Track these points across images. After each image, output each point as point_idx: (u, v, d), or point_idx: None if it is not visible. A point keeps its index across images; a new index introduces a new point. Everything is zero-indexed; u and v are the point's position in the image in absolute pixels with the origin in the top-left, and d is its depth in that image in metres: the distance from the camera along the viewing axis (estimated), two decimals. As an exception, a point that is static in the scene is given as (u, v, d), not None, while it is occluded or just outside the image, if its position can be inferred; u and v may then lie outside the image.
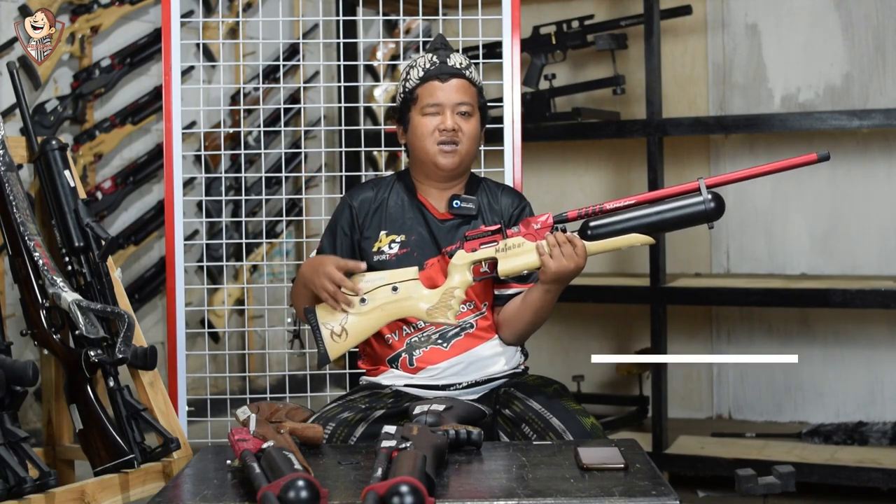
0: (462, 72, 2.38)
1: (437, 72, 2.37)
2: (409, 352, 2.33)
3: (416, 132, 2.38)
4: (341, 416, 2.21)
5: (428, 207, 2.41)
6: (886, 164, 3.73)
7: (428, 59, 2.40)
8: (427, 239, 2.37)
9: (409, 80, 2.41)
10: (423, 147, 2.37)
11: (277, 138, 4.21)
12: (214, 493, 1.80)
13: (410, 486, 1.57)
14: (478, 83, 2.42)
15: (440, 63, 2.38)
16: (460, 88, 2.37)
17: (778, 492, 2.47)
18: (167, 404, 2.45)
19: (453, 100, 2.36)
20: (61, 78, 3.64)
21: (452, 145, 2.35)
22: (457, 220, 2.39)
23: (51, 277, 2.30)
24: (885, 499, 3.28)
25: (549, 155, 4.19)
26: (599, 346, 4.09)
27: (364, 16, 3.75)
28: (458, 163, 2.37)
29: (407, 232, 2.38)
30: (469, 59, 2.46)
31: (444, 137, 2.35)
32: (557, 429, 2.18)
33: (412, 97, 2.39)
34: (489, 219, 2.40)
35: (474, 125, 2.38)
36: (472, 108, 2.38)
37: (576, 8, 4.10)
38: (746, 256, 3.96)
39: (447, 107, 2.36)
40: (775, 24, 3.90)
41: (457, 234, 2.36)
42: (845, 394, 3.78)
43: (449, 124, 2.34)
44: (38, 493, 2.02)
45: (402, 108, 2.42)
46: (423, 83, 2.38)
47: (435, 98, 2.36)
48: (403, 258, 2.34)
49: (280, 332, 4.04)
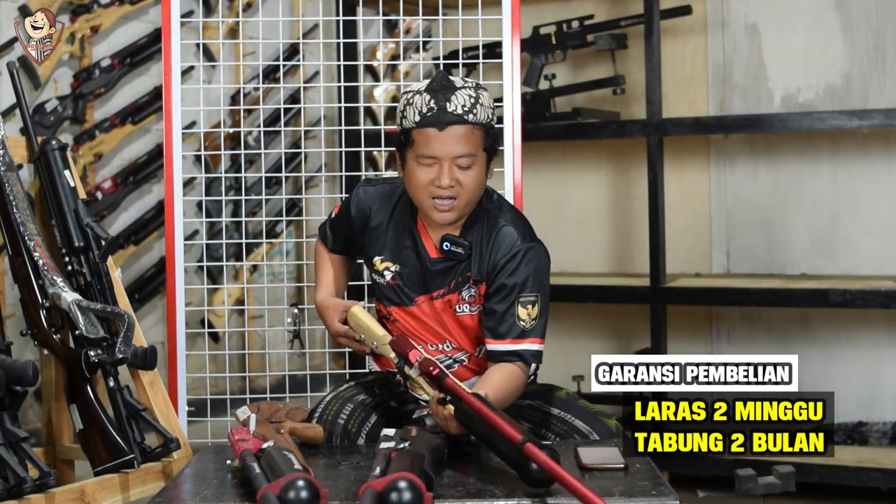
0: (463, 118, 2.12)
1: (434, 120, 2.11)
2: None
3: (410, 179, 2.17)
4: (357, 398, 2.22)
5: (424, 241, 2.25)
6: (886, 164, 3.72)
7: (426, 101, 2.13)
8: (418, 275, 2.24)
9: (405, 118, 2.16)
10: (417, 198, 2.18)
11: (277, 138, 4.21)
12: (214, 493, 1.80)
13: (408, 481, 1.57)
14: (484, 123, 2.16)
15: (437, 109, 2.12)
16: (461, 139, 2.12)
17: (778, 492, 2.46)
18: (167, 404, 2.45)
19: (451, 153, 2.12)
20: (61, 78, 3.64)
21: (449, 201, 2.15)
22: (447, 262, 2.23)
23: (51, 277, 2.29)
24: (885, 499, 3.28)
25: (549, 155, 4.19)
26: (599, 346, 4.09)
27: (364, 16, 3.75)
28: (456, 217, 2.19)
29: (401, 263, 2.25)
30: (477, 93, 2.16)
31: (439, 193, 2.14)
32: (582, 430, 2.17)
33: (408, 139, 2.16)
34: (477, 268, 2.21)
35: (475, 174, 2.16)
36: (474, 158, 2.15)
37: (576, 8, 4.09)
38: (746, 256, 3.96)
39: (444, 160, 2.12)
40: (775, 24, 3.89)
41: (445, 278, 2.23)
42: (845, 394, 3.77)
43: (444, 182, 2.12)
44: (38, 493, 2.02)
45: (399, 144, 2.20)
46: (419, 128, 2.13)
47: (430, 149, 2.12)
48: (395, 288, 2.26)
49: (280, 332, 4.04)
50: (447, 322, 2.25)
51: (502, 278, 2.18)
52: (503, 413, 1.86)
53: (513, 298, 2.17)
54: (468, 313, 2.23)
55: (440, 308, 2.24)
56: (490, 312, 2.19)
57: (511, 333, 2.16)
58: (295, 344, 3.30)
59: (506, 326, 2.16)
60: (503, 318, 2.17)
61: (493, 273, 2.20)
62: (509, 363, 2.15)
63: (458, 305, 2.23)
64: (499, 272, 2.19)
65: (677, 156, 3.96)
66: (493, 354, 2.18)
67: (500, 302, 2.17)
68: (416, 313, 2.25)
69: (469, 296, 2.23)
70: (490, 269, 2.20)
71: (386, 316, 2.31)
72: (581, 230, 4.13)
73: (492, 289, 2.19)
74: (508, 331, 2.16)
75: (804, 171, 3.79)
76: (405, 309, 2.26)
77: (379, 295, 2.31)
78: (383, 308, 2.31)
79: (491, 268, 2.20)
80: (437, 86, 2.15)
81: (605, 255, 4.12)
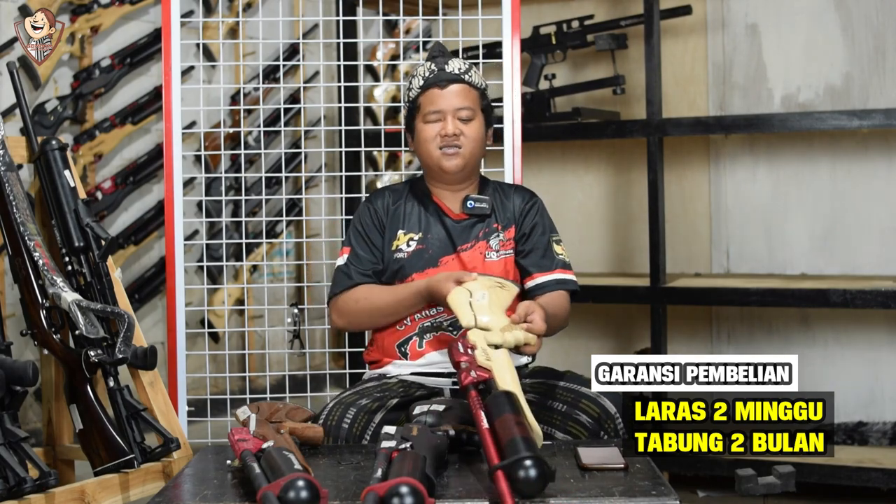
0: (461, 77, 2.44)
1: (436, 79, 2.43)
2: (420, 335, 2.39)
3: (420, 139, 2.45)
4: (360, 402, 2.24)
5: (443, 209, 2.48)
6: (886, 164, 3.72)
7: (427, 67, 2.46)
8: (444, 237, 2.44)
9: (411, 89, 2.48)
10: (428, 152, 2.43)
11: (277, 138, 4.21)
12: (214, 493, 1.80)
13: (410, 486, 1.57)
14: (479, 86, 2.47)
15: (438, 70, 2.44)
16: (460, 93, 2.43)
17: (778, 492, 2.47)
18: (167, 404, 2.45)
19: (453, 105, 2.42)
20: (61, 78, 3.64)
21: (455, 148, 2.41)
22: (471, 220, 2.47)
23: (51, 277, 2.30)
24: (885, 499, 3.28)
25: (549, 155, 4.19)
26: (599, 346, 4.09)
27: (364, 16, 3.75)
28: (462, 164, 2.43)
29: (423, 230, 2.45)
30: (469, 62, 2.51)
31: (446, 141, 2.41)
32: (590, 395, 2.23)
33: (415, 106, 2.46)
34: (502, 217, 2.47)
35: (476, 128, 2.44)
36: (474, 112, 2.44)
37: (576, 8, 4.09)
38: (746, 256, 3.96)
39: (447, 112, 2.41)
40: (775, 24, 3.89)
41: (471, 232, 2.45)
42: (845, 394, 3.77)
43: (450, 129, 2.40)
44: (38, 493, 2.02)
45: (408, 118, 2.49)
46: (423, 91, 2.44)
47: (435, 105, 2.42)
48: (419, 254, 2.42)
49: (280, 332, 4.04)
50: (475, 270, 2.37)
51: (532, 219, 2.48)
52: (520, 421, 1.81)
53: (548, 236, 2.48)
54: (496, 259, 2.44)
55: (468, 259, 2.42)
56: (532, 250, 2.45)
57: (556, 265, 2.45)
58: (295, 344, 3.30)
59: (549, 259, 2.45)
60: (545, 253, 2.45)
61: (521, 216, 2.48)
62: (559, 291, 2.41)
63: (487, 253, 2.44)
64: (526, 215, 2.48)
65: (677, 156, 3.96)
66: (544, 286, 2.41)
67: (539, 238, 2.46)
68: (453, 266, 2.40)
69: (498, 242, 2.45)
70: (517, 213, 2.48)
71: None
72: (581, 230, 4.13)
73: (527, 229, 2.47)
74: (553, 262, 2.44)
75: (804, 171, 3.79)
76: (427, 273, 2.39)
77: (397, 273, 2.42)
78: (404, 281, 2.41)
79: (518, 212, 2.48)
80: (436, 52, 2.50)
81: (605, 255, 4.12)
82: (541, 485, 1.69)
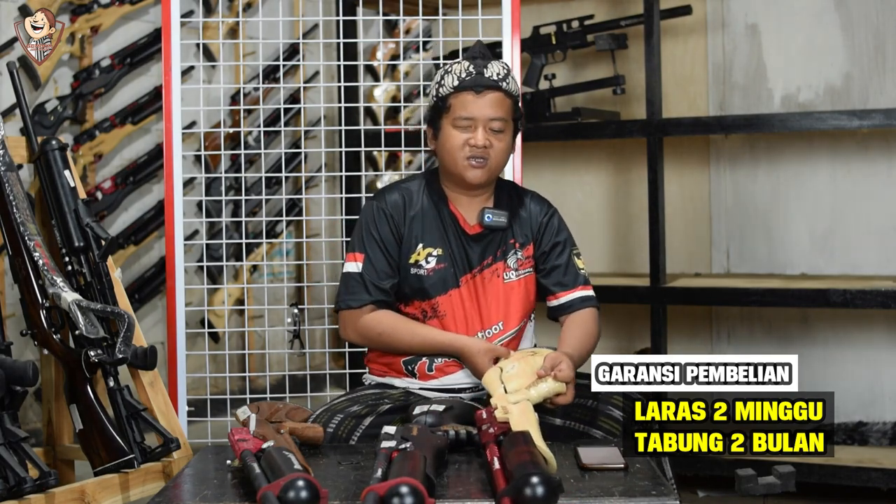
0: (499, 84, 2.28)
1: (473, 83, 2.27)
2: (431, 358, 2.32)
3: (445, 143, 2.31)
4: (350, 409, 2.21)
5: (459, 220, 2.36)
6: (886, 164, 3.72)
7: (464, 67, 2.29)
8: (462, 254, 2.34)
9: (442, 86, 2.31)
10: (453, 159, 2.30)
11: (277, 138, 4.21)
12: (214, 493, 1.80)
13: (410, 486, 1.57)
14: (515, 94, 2.33)
15: (476, 74, 2.28)
16: (495, 103, 2.28)
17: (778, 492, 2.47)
18: (167, 404, 2.45)
19: (486, 115, 2.27)
20: (61, 78, 3.64)
21: (482, 160, 2.28)
22: (487, 234, 2.35)
23: (51, 277, 2.29)
24: (885, 499, 3.28)
25: (549, 155, 4.19)
26: (599, 345, 4.08)
27: (364, 16, 3.75)
28: (487, 178, 2.32)
29: (443, 245, 2.33)
30: (508, 68, 2.34)
31: (474, 153, 2.28)
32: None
33: (445, 105, 2.30)
34: (519, 232, 2.37)
35: (506, 140, 2.31)
36: (506, 123, 2.30)
37: (576, 8, 4.09)
38: (746, 256, 3.96)
39: (480, 122, 2.27)
40: (775, 24, 3.89)
41: (488, 249, 2.34)
42: (845, 394, 3.77)
43: (480, 141, 2.27)
44: (38, 493, 2.02)
45: (434, 114, 2.34)
46: (457, 92, 2.28)
47: (468, 112, 2.27)
48: (440, 273, 2.31)
49: (280, 332, 4.04)
50: (494, 294, 2.32)
51: (552, 236, 2.39)
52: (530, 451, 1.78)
53: (568, 251, 2.39)
54: (515, 279, 2.36)
55: (487, 279, 2.33)
56: (553, 269, 2.37)
57: (579, 281, 2.37)
58: (295, 344, 3.30)
59: (571, 276, 2.37)
60: (567, 270, 2.37)
61: (540, 233, 2.38)
62: (586, 309, 2.36)
63: (505, 273, 2.35)
64: (545, 232, 2.39)
65: (677, 156, 3.96)
66: (569, 305, 2.36)
67: (559, 256, 2.37)
68: (463, 296, 2.31)
69: (515, 261, 2.36)
70: (535, 229, 2.38)
71: (430, 313, 2.32)
72: (581, 230, 4.12)
73: (546, 248, 2.38)
74: (575, 279, 2.37)
75: (804, 171, 3.79)
76: (450, 294, 2.31)
77: (419, 293, 2.32)
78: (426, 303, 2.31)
79: (537, 228, 2.38)
80: (476, 53, 2.32)
81: (605, 255, 4.12)
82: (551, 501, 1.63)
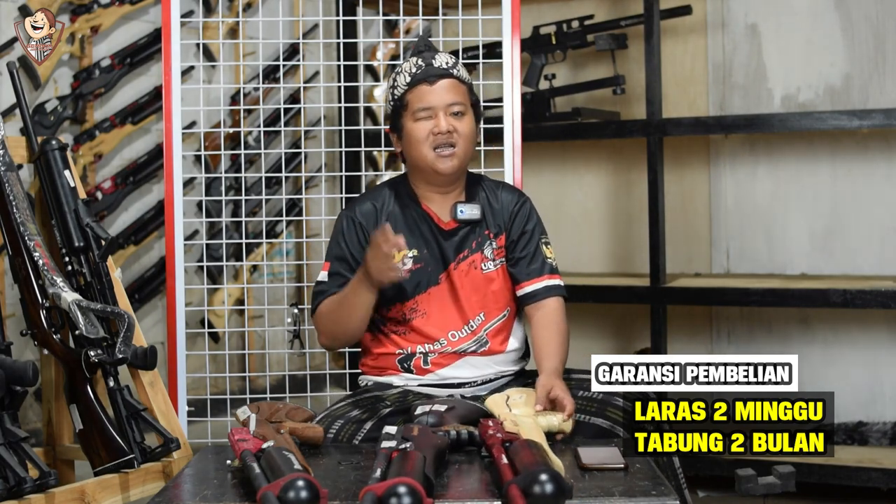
0: (450, 71, 2.32)
1: (424, 75, 2.31)
2: (424, 354, 2.33)
3: (410, 139, 2.32)
4: (350, 413, 2.21)
5: (433, 218, 2.37)
6: (886, 164, 3.72)
7: (413, 62, 2.34)
8: (437, 249, 2.35)
9: (396, 87, 2.35)
10: (420, 153, 2.31)
11: (277, 138, 4.21)
12: (214, 493, 1.80)
13: (408, 486, 1.57)
14: (467, 80, 2.36)
15: (426, 65, 2.32)
16: (450, 88, 2.31)
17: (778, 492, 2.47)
18: (167, 404, 2.45)
19: (445, 101, 2.30)
20: (61, 78, 3.64)
21: (450, 148, 2.30)
22: (462, 228, 2.37)
23: (51, 277, 2.29)
24: (885, 499, 3.28)
25: (549, 155, 4.19)
26: (599, 346, 4.09)
27: (364, 16, 3.75)
28: (458, 165, 2.32)
29: (418, 246, 2.34)
30: (455, 56, 2.40)
31: (439, 140, 2.29)
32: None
33: (402, 104, 2.33)
34: (492, 222, 2.38)
35: (469, 124, 2.33)
36: (465, 107, 2.33)
37: (576, 8, 4.09)
38: (746, 256, 3.96)
39: (439, 109, 2.30)
40: (775, 24, 3.89)
41: (464, 243, 2.35)
42: (845, 394, 3.77)
43: (443, 126, 2.28)
44: (38, 493, 2.02)
45: (394, 116, 2.35)
46: (411, 88, 2.31)
47: (425, 101, 2.30)
48: (417, 273, 2.31)
49: (280, 332, 4.03)
50: (473, 286, 2.33)
51: (521, 225, 2.39)
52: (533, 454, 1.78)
53: (537, 240, 2.39)
54: (493, 269, 2.37)
55: (465, 271, 2.34)
56: (521, 258, 2.38)
57: (545, 270, 2.38)
58: (295, 344, 3.30)
59: (538, 264, 2.37)
60: (534, 258, 2.38)
61: (510, 221, 2.39)
62: (552, 298, 2.36)
63: (483, 264, 2.37)
64: (515, 220, 2.39)
65: (677, 156, 3.96)
66: (535, 294, 2.36)
67: (527, 245, 2.38)
68: (443, 292, 2.32)
69: (492, 251, 2.37)
70: (507, 218, 2.39)
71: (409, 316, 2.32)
72: (581, 230, 4.13)
73: (515, 236, 2.39)
74: (542, 268, 2.37)
75: (804, 171, 3.79)
76: (430, 292, 2.32)
77: (399, 294, 2.32)
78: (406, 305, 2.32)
79: (508, 217, 2.39)
80: (422, 47, 2.38)
81: (605, 254, 4.12)
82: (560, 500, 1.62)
